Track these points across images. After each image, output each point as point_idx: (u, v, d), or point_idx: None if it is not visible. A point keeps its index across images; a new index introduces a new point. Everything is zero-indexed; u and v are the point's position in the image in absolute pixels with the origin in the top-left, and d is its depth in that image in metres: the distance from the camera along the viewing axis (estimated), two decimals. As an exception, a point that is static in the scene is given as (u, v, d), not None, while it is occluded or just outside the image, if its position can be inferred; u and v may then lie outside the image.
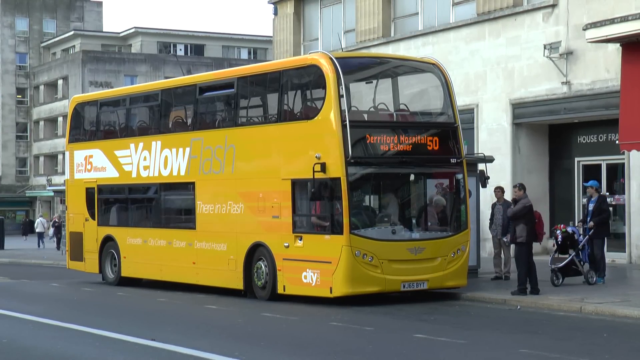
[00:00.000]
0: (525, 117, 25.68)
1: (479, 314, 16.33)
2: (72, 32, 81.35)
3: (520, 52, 25.40)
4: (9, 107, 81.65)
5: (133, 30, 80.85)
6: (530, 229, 17.98)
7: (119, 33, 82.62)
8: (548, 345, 12.70)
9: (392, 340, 13.45)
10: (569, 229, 19.31)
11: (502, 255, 20.66)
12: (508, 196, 21.40)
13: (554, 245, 19.59)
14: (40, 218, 54.78)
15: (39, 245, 48.34)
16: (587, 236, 19.12)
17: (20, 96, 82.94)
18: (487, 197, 22.36)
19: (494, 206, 20.75)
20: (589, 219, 19.34)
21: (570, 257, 19.00)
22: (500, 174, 23.55)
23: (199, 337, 13.75)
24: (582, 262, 19.16)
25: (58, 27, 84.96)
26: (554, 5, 24.60)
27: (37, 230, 50.64)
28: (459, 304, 17.78)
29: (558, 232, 19.40)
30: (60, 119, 74.35)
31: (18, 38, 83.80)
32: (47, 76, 79.05)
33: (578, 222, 19.81)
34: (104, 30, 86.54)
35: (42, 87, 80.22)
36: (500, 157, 23.50)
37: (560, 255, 19.16)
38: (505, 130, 25.91)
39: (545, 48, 24.36)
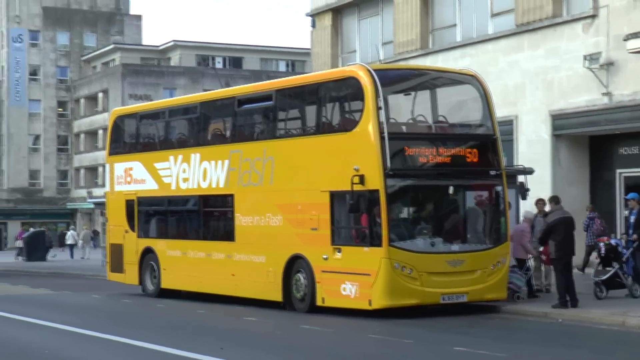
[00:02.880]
0: (565, 128, 25.46)
1: (519, 327, 16.19)
2: (112, 46, 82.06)
3: (560, 63, 25.21)
4: (51, 120, 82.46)
5: (172, 43, 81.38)
6: (559, 244, 17.75)
7: (158, 46, 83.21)
8: (588, 359, 12.55)
9: (432, 353, 13.36)
10: (612, 242, 19.11)
11: (542, 268, 20.47)
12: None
13: (597, 258, 19.39)
14: (71, 231, 56.11)
15: (71, 256, 49.15)
16: (631, 249, 18.90)
17: (61, 109, 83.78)
18: (527, 209, 22.15)
19: (534, 219, 20.57)
20: (631, 231, 19.13)
21: (614, 270, 18.78)
22: (540, 185, 23.34)
23: (238, 349, 13.74)
24: (626, 275, 18.93)
25: (98, 40, 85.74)
26: (593, 16, 24.40)
27: (67, 243, 52.07)
28: (498, 317, 17.63)
29: (601, 244, 19.22)
30: (100, 131, 74.95)
31: (59, 52, 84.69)
32: (88, 89, 79.76)
33: (621, 235, 19.57)
34: (143, 43, 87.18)
35: (82, 100, 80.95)
36: (540, 169, 23.30)
37: (603, 268, 18.95)
38: (544, 142, 25.71)
39: (585, 59, 24.15)
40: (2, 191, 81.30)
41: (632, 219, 19.24)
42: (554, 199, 18.63)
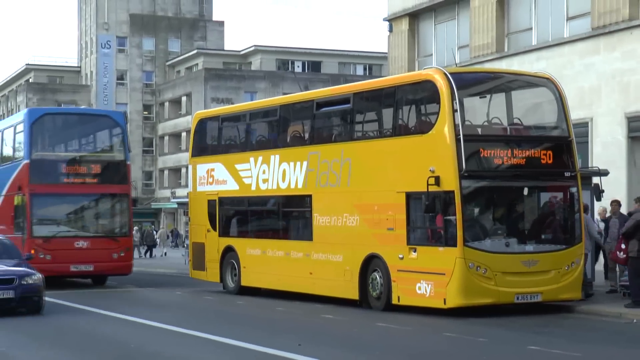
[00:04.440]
0: (641, 130, 25.02)
1: (593, 327, 15.97)
2: (195, 51, 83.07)
3: (636, 66, 24.78)
4: (136, 123, 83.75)
5: (253, 48, 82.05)
6: None
7: (239, 51, 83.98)
8: (665, 360, 12.34)
9: (506, 351, 13.26)
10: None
11: (617, 269, 20.15)
12: (624, 209, 20.87)
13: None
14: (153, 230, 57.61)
15: (151, 255, 50.15)
16: None
17: (146, 112, 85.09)
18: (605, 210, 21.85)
19: (609, 219, 20.27)
20: None
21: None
22: (615, 187, 22.97)
23: (316, 346, 13.81)
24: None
25: (182, 46, 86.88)
26: (670, 18, 23.94)
27: (145, 243, 53.21)
28: (572, 317, 17.41)
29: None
30: (183, 134, 75.90)
31: (145, 57, 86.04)
32: (172, 93, 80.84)
33: None
34: (225, 48, 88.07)
35: (166, 104, 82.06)
36: (615, 171, 22.93)
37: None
38: (620, 144, 25.31)
39: (661, 61, 23.72)
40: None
41: None
42: (639, 199, 18.32)
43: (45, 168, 26.18)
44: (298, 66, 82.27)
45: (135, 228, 54.18)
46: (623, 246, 18.13)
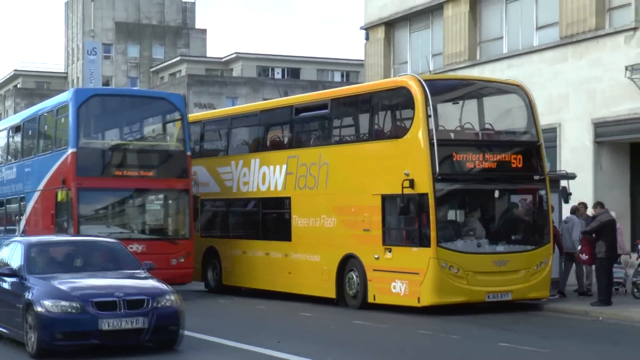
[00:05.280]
0: (607, 135, 25.14)
1: (561, 325, 16.02)
2: (178, 58, 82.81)
3: (602, 74, 24.88)
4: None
5: (234, 55, 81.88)
6: (609, 245, 17.57)
7: (221, 58, 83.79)
8: (630, 356, 12.38)
9: (478, 348, 13.27)
10: (650, 244, 18.86)
11: (584, 269, 20.22)
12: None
13: (637, 259, 19.12)
14: None
15: None
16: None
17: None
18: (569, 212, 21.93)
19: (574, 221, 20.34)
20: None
21: (652, 271, 18.51)
22: (582, 190, 23.05)
23: (294, 343, 13.77)
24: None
25: (166, 53, 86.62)
26: (635, 29, 24.07)
27: None
28: (541, 315, 17.47)
29: (639, 246, 18.97)
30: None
31: (130, 64, 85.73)
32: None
33: None
34: (207, 55, 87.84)
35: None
36: (582, 174, 23.02)
37: (642, 269, 18.69)
38: (587, 149, 25.41)
39: (626, 69, 23.82)
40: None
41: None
42: (599, 204, 18.48)
43: (95, 158, 21.34)
44: (278, 72, 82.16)
45: None
46: (579, 247, 18.28)
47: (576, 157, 25.40)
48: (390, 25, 33.76)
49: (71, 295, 12.19)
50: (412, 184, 17.07)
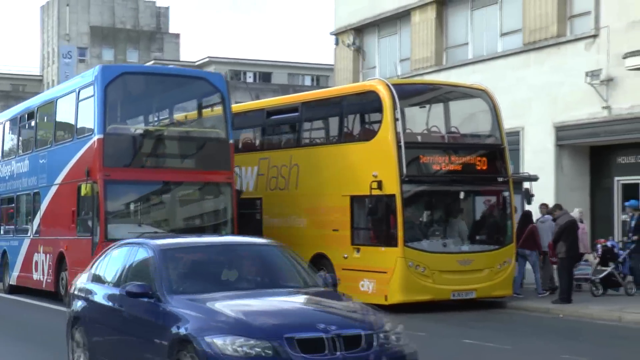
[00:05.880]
0: (568, 139, 25.34)
1: (523, 322, 16.12)
2: (152, 62, 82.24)
3: (564, 79, 25.09)
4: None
5: (207, 59, 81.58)
6: (569, 245, 17.72)
7: (194, 62, 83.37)
8: (589, 351, 12.49)
9: (444, 345, 13.33)
10: (609, 243, 19.04)
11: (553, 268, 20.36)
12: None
13: (595, 258, 19.30)
14: None
15: None
16: (628, 250, 18.81)
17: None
18: (534, 213, 22.08)
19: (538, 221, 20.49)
20: (631, 234, 19.09)
21: (610, 269, 18.70)
22: (544, 191, 23.22)
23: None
24: (622, 275, 18.82)
25: (140, 57, 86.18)
26: (595, 36, 24.29)
27: None
28: (505, 312, 17.57)
29: (599, 246, 19.15)
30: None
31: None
32: (130, 101, 79.97)
33: (624, 237, 19.48)
34: (181, 59, 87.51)
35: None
36: (544, 176, 23.19)
37: (601, 268, 18.87)
38: (549, 151, 25.60)
39: (587, 75, 24.03)
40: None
41: (633, 223, 19.26)
42: (558, 206, 18.63)
43: (124, 146, 18.06)
44: (249, 76, 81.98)
45: None
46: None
47: (538, 160, 25.59)
48: (360, 31, 33.82)
49: (255, 329, 7.66)
50: (380, 185, 17.11)
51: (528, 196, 19.53)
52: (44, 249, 20.31)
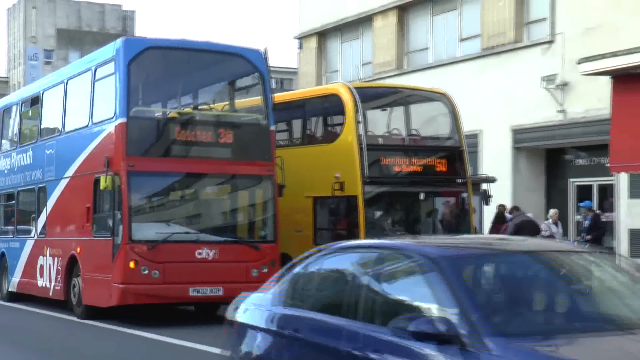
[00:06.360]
0: (525, 142, 25.61)
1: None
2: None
3: (521, 84, 25.34)
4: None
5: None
6: None
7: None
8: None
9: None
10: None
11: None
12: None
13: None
14: None
15: None
16: (582, 249, 19.04)
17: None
18: (490, 214, 22.28)
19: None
20: (584, 234, 19.32)
21: (565, 268, 18.90)
22: (502, 193, 23.44)
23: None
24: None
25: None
26: (551, 42, 24.57)
27: None
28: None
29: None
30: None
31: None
32: (96, 103, 79.31)
33: (578, 237, 19.74)
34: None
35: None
36: (501, 178, 23.42)
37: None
38: (506, 154, 25.84)
39: (542, 80, 24.31)
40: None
41: (586, 223, 19.49)
42: (515, 208, 18.87)
43: (151, 133, 15.51)
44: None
45: None
46: None
47: (496, 162, 25.83)
48: (323, 35, 33.90)
49: None
50: (342, 186, 17.16)
51: (486, 197, 19.70)
52: (52, 252, 17.61)
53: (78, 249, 16.29)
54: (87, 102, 16.44)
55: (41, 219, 18.37)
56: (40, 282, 18.18)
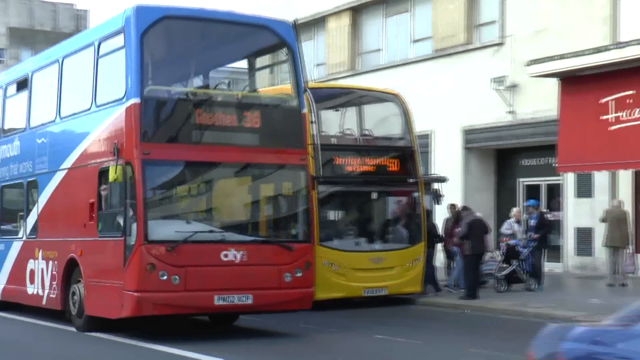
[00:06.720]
0: (475, 142, 25.80)
1: (433, 317, 16.32)
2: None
3: (471, 85, 25.53)
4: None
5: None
6: (474, 243, 18.01)
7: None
8: (494, 344, 12.70)
9: (355, 340, 13.38)
10: (511, 242, 19.41)
11: (453, 265, 20.66)
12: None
13: (499, 256, 19.65)
14: None
15: None
16: (530, 248, 19.20)
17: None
18: (442, 213, 22.38)
19: (446, 221, 20.78)
20: (531, 233, 19.46)
21: (512, 266, 19.07)
22: (453, 192, 23.58)
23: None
24: (525, 272, 19.20)
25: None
26: (500, 44, 24.79)
27: None
28: (415, 308, 17.75)
29: (502, 244, 19.52)
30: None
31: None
32: (49, 102, 78.34)
33: (524, 236, 19.91)
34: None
35: (44, 112, 79.52)
36: (452, 178, 23.55)
37: (504, 265, 19.23)
38: (457, 154, 26.01)
39: (492, 81, 24.51)
40: None
41: (532, 222, 19.64)
42: (465, 208, 19.02)
43: (167, 115, 12.96)
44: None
45: None
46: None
47: (447, 162, 25.98)
48: (276, 36, 33.81)
49: None
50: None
51: (437, 197, 19.80)
52: (45, 255, 15.10)
53: (79, 251, 13.86)
54: (89, 82, 13.92)
55: (31, 217, 15.86)
56: (30, 290, 15.65)
